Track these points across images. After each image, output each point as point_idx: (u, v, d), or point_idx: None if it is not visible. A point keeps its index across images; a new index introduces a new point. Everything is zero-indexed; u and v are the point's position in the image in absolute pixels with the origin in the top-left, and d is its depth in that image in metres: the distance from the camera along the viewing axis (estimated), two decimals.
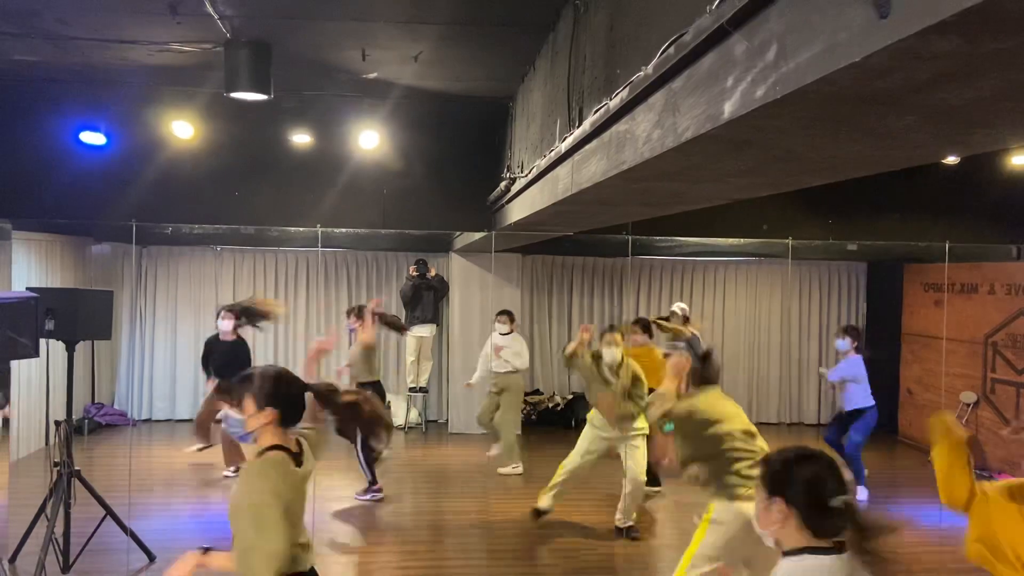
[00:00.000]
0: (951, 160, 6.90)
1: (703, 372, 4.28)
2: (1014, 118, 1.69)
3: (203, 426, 8.09)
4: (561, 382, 10.69)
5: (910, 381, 9.93)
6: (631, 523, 6.28)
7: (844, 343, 7.51)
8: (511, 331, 8.31)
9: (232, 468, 7.96)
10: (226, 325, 7.50)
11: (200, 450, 8.12)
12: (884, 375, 8.03)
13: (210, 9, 4.52)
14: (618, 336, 6.32)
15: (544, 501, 6.42)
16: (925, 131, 1.86)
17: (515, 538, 6.26)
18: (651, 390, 7.07)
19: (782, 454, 2.11)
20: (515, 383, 8.25)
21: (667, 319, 8.28)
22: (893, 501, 7.48)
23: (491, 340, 8.35)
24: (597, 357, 6.35)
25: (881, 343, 10.33)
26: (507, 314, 8.41)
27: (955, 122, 1.75)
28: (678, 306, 8.62)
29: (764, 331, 10.88)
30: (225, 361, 7.41)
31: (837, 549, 2.00)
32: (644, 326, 7.47)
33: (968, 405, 8.85)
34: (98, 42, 5.30)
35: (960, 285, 9.13)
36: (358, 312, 7.42)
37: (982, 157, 6.99)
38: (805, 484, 2.01)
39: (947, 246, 7.62)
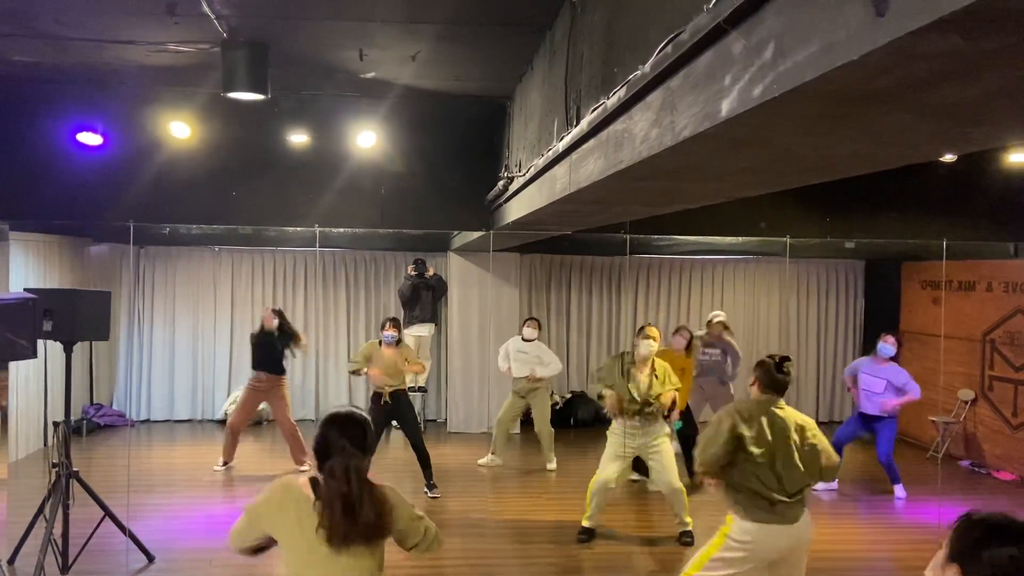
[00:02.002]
0: (949, 158, 6.90)
1: (772, 377, 4.05)
2: (1013, 115, 1.69)
3: (236, 435, 8.06)
4: (560, 381, 10.69)
5: None
6: (687, 527, 6.10)
7: (892, 348, 7.39)
8: (536, 338, 8.37)
9: (222, 463, 7.98)
10: (270, 321, 8.01)
11: (225, 467, 8.05)
12: None
13: (207, 9, 4.51)
14: (654, 330, 6.11)
15: (588, 523, 6.18)
16: (923, 129, 1.86)
17: (513, 537, 6.26)
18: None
19: (981, 523, 1.84)
20: (543, 387, 8.36)
21: (707, 325, 8.37)
22: (891, 498, 7.49)
23: (511, 346, 8.31)
24: (622, 362, 6.09)
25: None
26: (536, 320, 8.50)
27: (954, 120, 1.75)
28: (716, 314, 8.62)
29: (762, 329, 10.89)
30: (269, 350, 7.93)
31: None
32: (688, 338, 7.59)
33: (966, 402, 8.86)
34: (95, 42, 5.29)
35: (958, 283, 9.14)
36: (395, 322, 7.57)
37: (980, 155, 6.99)
38: (991, 567, 1.76)
39: (945, 244, 7.62)
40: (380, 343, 7.42)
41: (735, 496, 3.97)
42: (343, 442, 2.54)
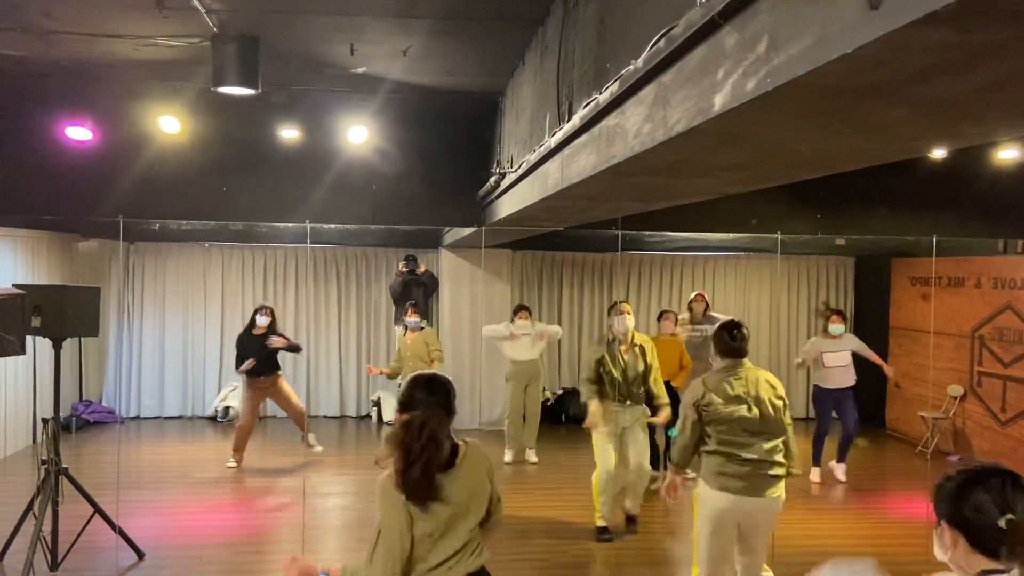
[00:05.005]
0: (939, 154, 6.94)
1: (727, 344, 4.21)
2: (1004, 110, 1.69)
3: (246, 437, 8.06)
4: (551, 377, 10.69)
5: (897, 375, 9.98)
6: (636, 514, 6.26)
7: (841, 326, 7.76)
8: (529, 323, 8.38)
9: (235, 461, 7.99)
10: (263, 320, 8.00)
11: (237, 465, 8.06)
12: (872, 369, 8.08)
13: (196, 3, 4.49)
14: (627, 306, 6.12)
15: (602, 521, 6.14)
16: (916, 123, 1.86)
17: (502, 532, 6.26)
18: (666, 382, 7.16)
19: (950, 478, 1.94)
20: (538, 371, 8.34)
21: (690, 304, 8.47)
22: (881, 494, 7.53)
23: (510, 327, 8.20)
24: (610, 344, 6.08)
25: (869, 337, 10.38)
26: (527, 309, 8.39)
27: (945, 114, 1.75)
28: (696, 294, 8.74)
29: (753, 325, 10.90)
30: (260, 351, 7.85)
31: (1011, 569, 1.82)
32: (674, 319, 7.77)
33: (955, 398, 8.91)
34: (84, 36, 5.25)
35: (947, 279, 9.18)
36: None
37: (969, 151, 7.03)
38: (972, 507, 1.85)
39: (934, 240, 7.66)
40: (405, 331, 7.66)
41: (706, 462, 4.14)
42: (428, 400, 2.58)
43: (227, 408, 10.08)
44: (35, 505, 5.10)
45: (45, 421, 5.16)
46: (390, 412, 10.17)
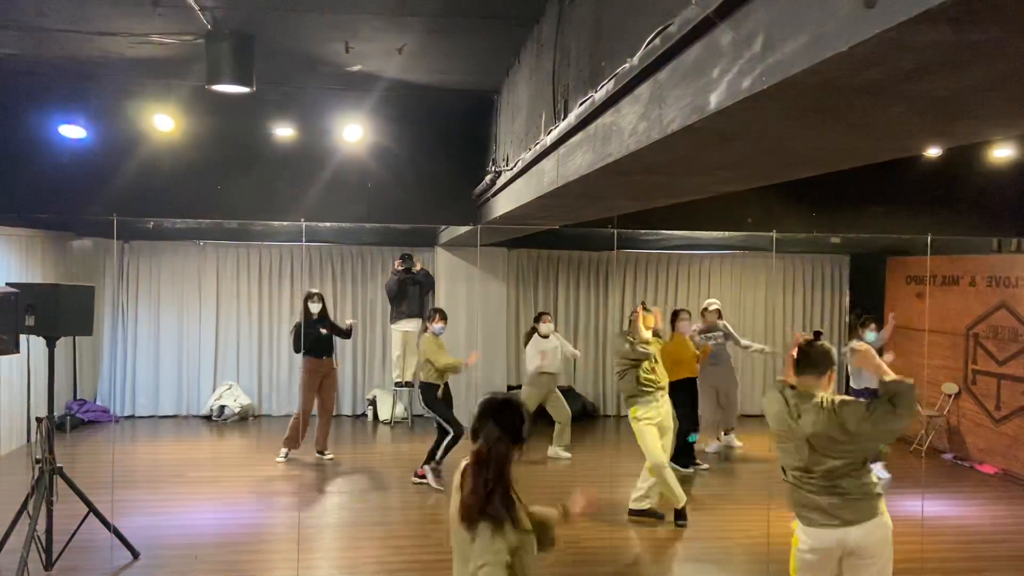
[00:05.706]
0: (933, 153, 6.95)
1: (801, 358, 3.65)
2: (999, 108, 1.69)
3: (301, 428, 8.17)
4: None
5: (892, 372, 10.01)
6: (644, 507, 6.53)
7: (875, 334, 7.85)
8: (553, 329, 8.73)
9: (285, 452, 8.14)
10: (315, 307, 8.26)
11: (287, 458, 8.18)
12: None
13: (191, 0, 4.47)
14: (651, 318, 6.58)
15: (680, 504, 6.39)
16: (911, 122, 1.86)
17: None
18: (681, 380, 7.38)
19: None
20: (558, 377, 8.65)
21: (703, 311, 8.79)
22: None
23: (539, 347, 8.44)
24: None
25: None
26: (547, 313, 8.77)
27: (940, 112, 1.75)
28: (711, 302, 8.91)
29: (748, 323, 10.93)
30: (318, 335, 8.13)
31: None
32: (688, 319, 7.98)
33: (950, 396, 8.93)
34: (77, 34, 5.23)
35: (942, 277, 9.20)
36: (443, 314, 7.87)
37: (964, 150, 7.04)
38: None
39: (929, 239, 7.67)
40: (427, 334, 7.74)
41: (789, 498, 3.72)
42: (494, 428, 2.62)
43: (222, 407, 10.06)
44: (29, 504, 5.09)
45: (39, 420, 5.15)
46: (386, 411, 10.17)
